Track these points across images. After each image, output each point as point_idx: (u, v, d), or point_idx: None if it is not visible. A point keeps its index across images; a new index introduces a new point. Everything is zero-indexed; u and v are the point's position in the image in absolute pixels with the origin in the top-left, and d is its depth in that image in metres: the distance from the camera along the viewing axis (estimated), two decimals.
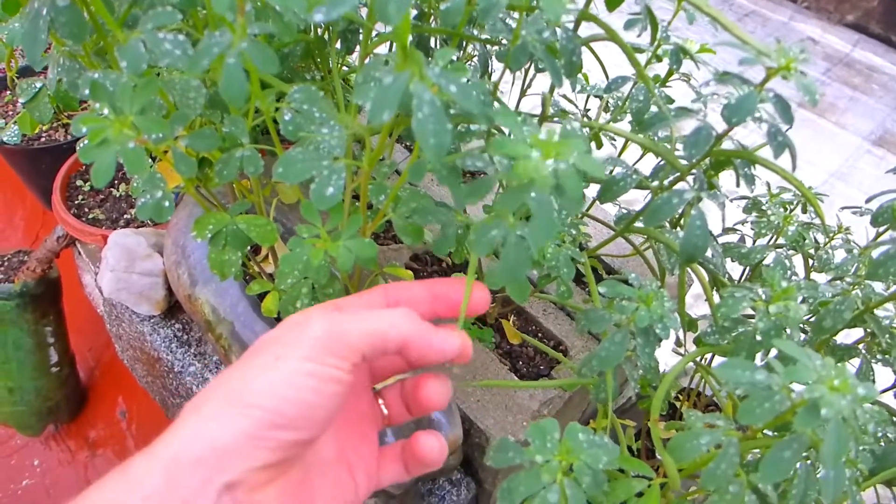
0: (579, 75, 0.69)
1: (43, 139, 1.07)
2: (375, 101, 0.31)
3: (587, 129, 0.45)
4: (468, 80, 0.35)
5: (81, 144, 0.51)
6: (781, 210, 0.60)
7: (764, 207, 0.62)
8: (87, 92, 0.45)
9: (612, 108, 0.65)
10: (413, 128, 0.31)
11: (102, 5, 0.42)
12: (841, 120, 2.37)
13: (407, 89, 0.31)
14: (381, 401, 0.40)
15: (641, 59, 0.61)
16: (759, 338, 0.45)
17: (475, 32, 0.58)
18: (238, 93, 0.38)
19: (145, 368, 0.82)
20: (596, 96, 0.68)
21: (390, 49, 0.43)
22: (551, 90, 0.51)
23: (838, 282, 0.58)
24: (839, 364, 0.35)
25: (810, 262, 0.61)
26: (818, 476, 0.38)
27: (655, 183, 0.46)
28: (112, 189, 0.97)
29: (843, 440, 0.32)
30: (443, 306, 0.38)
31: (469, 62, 0.73)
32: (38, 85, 0.84)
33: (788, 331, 0.44)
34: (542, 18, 0.42)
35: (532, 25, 0.41)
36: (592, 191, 0.56)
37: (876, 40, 2.77)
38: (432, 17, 0.60)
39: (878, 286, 0.53)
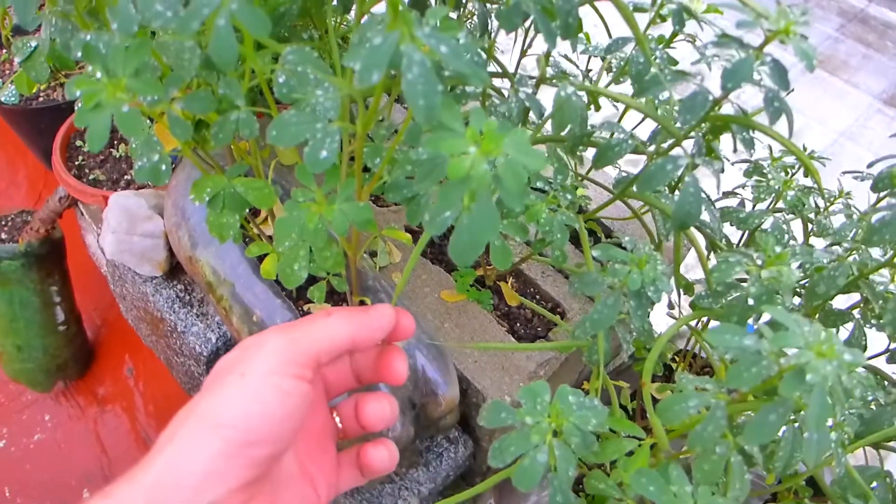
0: (581, 35, 0.68)
1: (41, 98, 1.06)
2: (364, 62, 0.31)
3: (584, 92, 0.45)
4: (460, 40, 0.34)
5: (78, 105, 0.51)
6: (782, 174, 0.59)
7: (765, 171, 0.62)
8: (79, 54, 0.44)
9: (614, 70, 0.64)
10: (403, 89, 0.31)
11: None
12: (853, 78, 2.32)
13: (397, 49, 0.31)
14: (335, 415, 0.42)
15: (644, 19, 0.59)
16: (751, 302, 0.45)
17: None
18: (229, 56, 0.37)
19: (149, 328, 0.83)
20: (598, 56, 0.67)
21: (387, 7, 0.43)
22: (548, 53, 0.50)
23: (836, 247, 0.58)
24: (829, 330, 0.35)
25: (809, 226, 0.61)
26: (804, 437, 0.39)
27: (652, 148, 0.46)
28: (112, 150, 0.97)
29: (826, 405, 0.33)
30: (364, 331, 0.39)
31: (468, 20, 0.71)
32: (34, 44, 0.83)
33: (781, 296, 0.44)
34: None
35: None
36: (592, 152, 0.55)
37: None
38: None
39: (876, 251, 0.53)
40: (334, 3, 0.64)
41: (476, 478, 0.78)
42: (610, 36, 0.63)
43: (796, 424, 0.41)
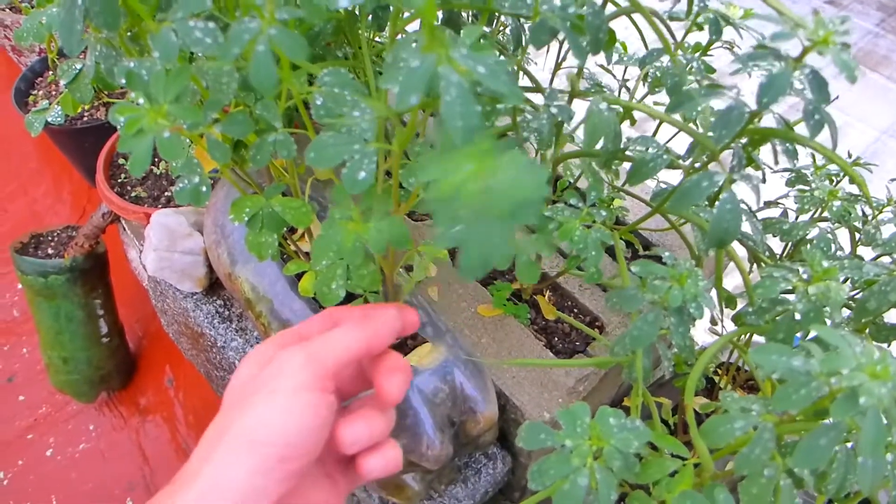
0: (617, 44, 0.67)
1: (85, 118, 1.10)
2: (403, 86, 0.31)
3: (617, 106, 0.44)
4: (496, 60, 0.34)
5: (120, 126, 0.52)
6: (827, 183, 0.58)
7: (808, 180, 0.60)
8: (123, 80, 0.45)
9: (650, 79, 0.63)
10: (441, 110, 0.31)
11: None
12: (894, 74, 2.25)
13: (434, 72, 0.31)
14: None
15: (680, 28, 0.58)
16: (797, 317, 0.44)
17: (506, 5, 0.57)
18: (268, 80, 0.38)
19: (190, 342, 0.85)
20: (633, 65, 0.66)
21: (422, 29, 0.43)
22: (579, 70, 0.49)
23: (886, 258, 0.56)
24: (883, 349, 0.34)
25: (857, 236, 0.59)
26: (858, 462, 0.38)
27: (689, 162, 0.45)
28: (153, 167, 0.99)
29: (881, 429, 0.31)
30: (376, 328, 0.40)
31: (501, 33, 0.71)
32: (78, 66, 0.86)
33: (829, 311, 0.43)
34: None
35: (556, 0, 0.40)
36: (629, 165, 0.54)
37: None
38: None
39: None
40: (368, 19, 0.65)
41: (515, 493, 0.78)
42: (646, 45, 0.62)
43: (850, 444, 0.40)
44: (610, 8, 0.50)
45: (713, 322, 0.68)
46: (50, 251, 1.12)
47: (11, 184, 1.62)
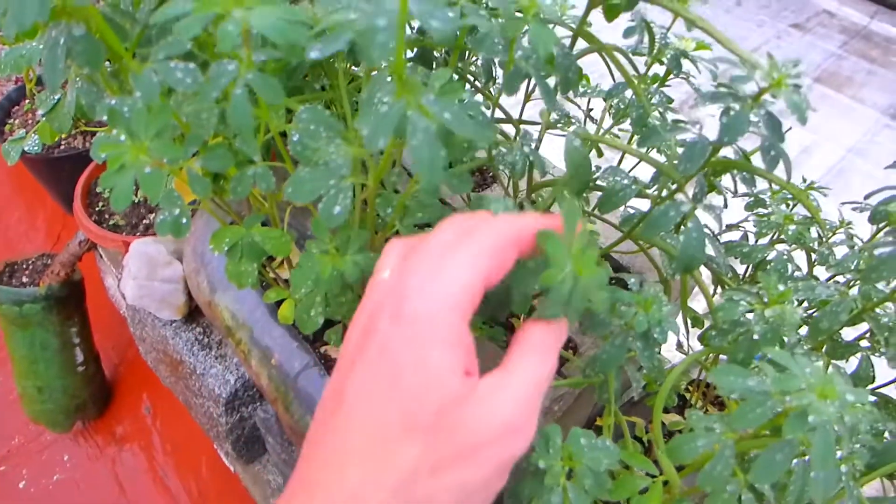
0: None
1: (62, 146, 1.10)
2: (372, 129, 0.33)
3: (583, 140, 0.46)
4: (463, 102, 0.36)
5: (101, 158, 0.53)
6: (783, 207, 0.61)
7: (767, 204, 0.63)
8: (104, 117, 0.47)
9: (614, 111, 0.66)
10: (407, 153, 0.33)
11: (116, 38, 0.43)
12: (858, 94, 2.33)
13: (403, 117, 0.33)
14: None
15: (642, 65, 0.61)
16: (756, 337, 0.46)
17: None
18: (245, 122, 0.40)
19: (169, 370, 0.85)
20: (598, 97, 0.69)
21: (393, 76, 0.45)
22: (548, 110, 0.52)
23: (840, 277, 0.59)
24: (832, 369, 0.36)
25: (812, 257, 0.62)
26: (811, 476, 0.40)
27: (655, 190, 0.47)
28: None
29: (830, 445, 0.33)
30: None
31: (472, 64, 0.74)
32: (57, 97, 0.86)
33: (786, 331, 0.45)
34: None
35: (527, 47, 0.42)
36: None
37: (895, 11, 2.72)
38: None
39: (881, 283, 0.54)
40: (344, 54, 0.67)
41: None
42: (613, 77, 0.65)
43: (806, 458, 0.42)
44: (578, 45, 0.52)
45: (679, 346, 0.71)
46: (25, 279, 1.11)
47: None
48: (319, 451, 0.29)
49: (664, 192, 0.49)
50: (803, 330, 0.57)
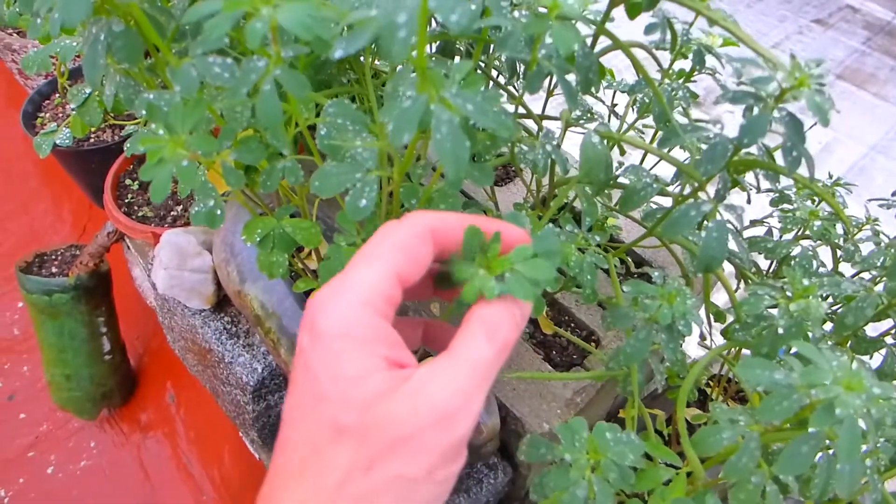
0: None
1: (92, 140, 1.12)
2: (396, 123, 0.33)
3: (602, 138, 0.47)
4: (484, 96, 0.37)
5: (128, 144, 0.54)
6: (808, 203, 0.61)
7: (791, 199, 0.63)
8: (143, 112, 0.48)
9: (638, 105, 0.66)
10: (432, 146, 0.33)
11: (155, 34, 0.45)
12: (881, 91, 2.30)
13: (426, 111, 0.33)
14: None
15: (666, 58, 0.62)
16: (781, 332, 0.47)
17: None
18: (273, 117, 0.40)
19: (196, 359, 0.87)
20: (623, 92, 0.69)
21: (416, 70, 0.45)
22: (570, 108, 0.52)
23: (865, 274, 0.59)
24: (860, 363, 0.36)
25: (838, 253, 0.62)
26: (836, 468, 0.40)
27: (677, 188, 0.48)
28: None
29: (856, 438, 0.34)
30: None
31: (497, 59, 0.74)
32: (88, 91, 0.88)
33: (810, 326, 0.46)
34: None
35: (550, 45, 0.42)
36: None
37: None
38: None
39: None
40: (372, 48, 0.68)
41: (514, 503, 0.80)
42: (638, 73, 0.65)
43: (831, 451, 0.42)
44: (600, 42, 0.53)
45: (702, 338, 0.71)
46: (54, 270, 1.14)
47: (12, 202, 1.64)
48: (270, 475, 0.30)
49: (686, 190, 0.50)
50: (827, 326, 0.58)
